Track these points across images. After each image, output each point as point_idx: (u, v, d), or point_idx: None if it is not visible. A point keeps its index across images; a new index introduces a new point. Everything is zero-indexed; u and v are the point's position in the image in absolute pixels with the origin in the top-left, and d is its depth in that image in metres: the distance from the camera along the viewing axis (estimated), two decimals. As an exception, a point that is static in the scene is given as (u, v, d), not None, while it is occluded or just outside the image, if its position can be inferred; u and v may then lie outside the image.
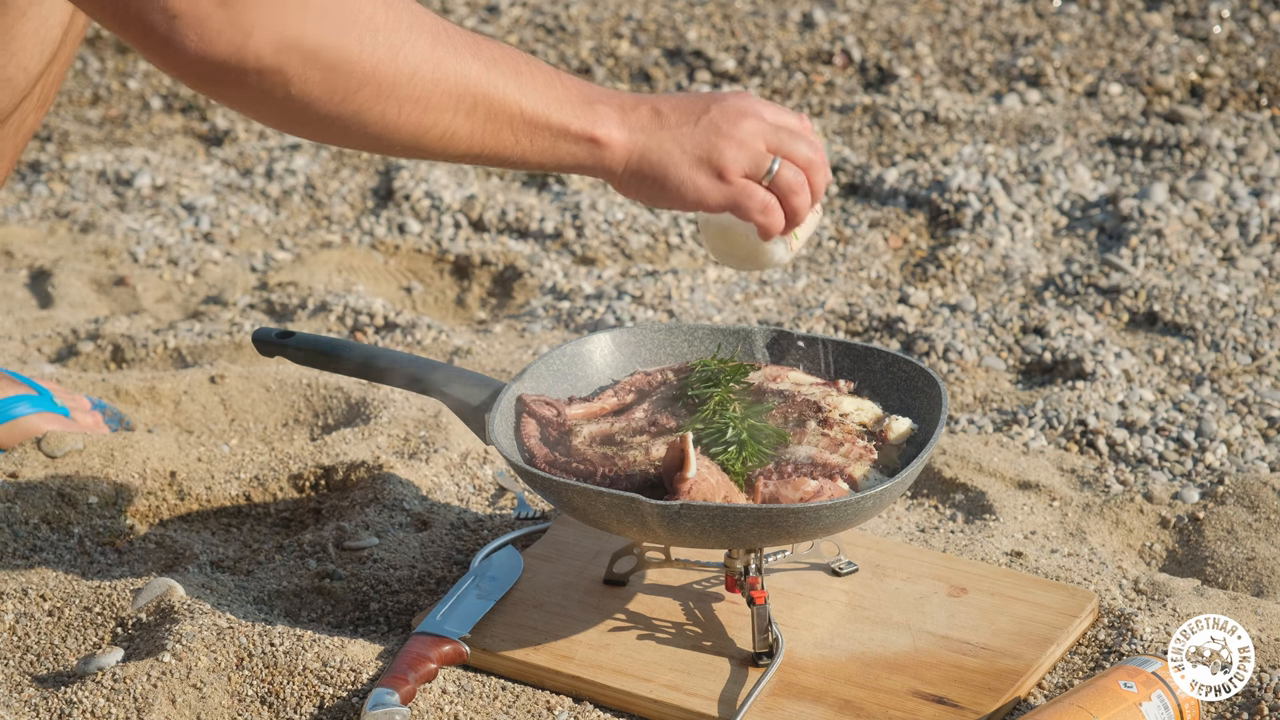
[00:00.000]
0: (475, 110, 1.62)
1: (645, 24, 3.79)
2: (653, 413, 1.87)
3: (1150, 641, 1.85)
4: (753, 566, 1.80)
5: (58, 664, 1.84)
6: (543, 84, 1.67)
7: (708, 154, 1.73)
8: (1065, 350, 2.54)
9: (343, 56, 1.54)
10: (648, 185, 1.74)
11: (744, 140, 1.74)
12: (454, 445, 2.25)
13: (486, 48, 1.65)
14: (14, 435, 2.22)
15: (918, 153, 3.22)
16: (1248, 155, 3.11)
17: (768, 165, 1.75)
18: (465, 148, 1.65)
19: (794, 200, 1.77)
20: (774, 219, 1.77)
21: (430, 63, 1.59)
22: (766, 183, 1.76)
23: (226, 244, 3.03)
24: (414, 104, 1.59)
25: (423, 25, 1.59)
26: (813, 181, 1.79)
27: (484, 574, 1.93)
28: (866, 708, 1.74)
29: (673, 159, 1.72)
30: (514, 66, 1.66)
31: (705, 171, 1.73)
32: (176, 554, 2.06)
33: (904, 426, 1.85)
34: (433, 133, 1.62)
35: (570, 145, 1.69)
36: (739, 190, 1.75)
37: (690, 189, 1.74)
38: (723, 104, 1.75)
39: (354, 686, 1.77)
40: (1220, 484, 2.20)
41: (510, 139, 1.66)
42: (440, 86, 1.60)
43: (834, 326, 2.67)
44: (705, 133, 1.73)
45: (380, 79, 1.56)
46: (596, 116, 1.70)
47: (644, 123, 1.72)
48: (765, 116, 1.77)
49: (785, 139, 1.77)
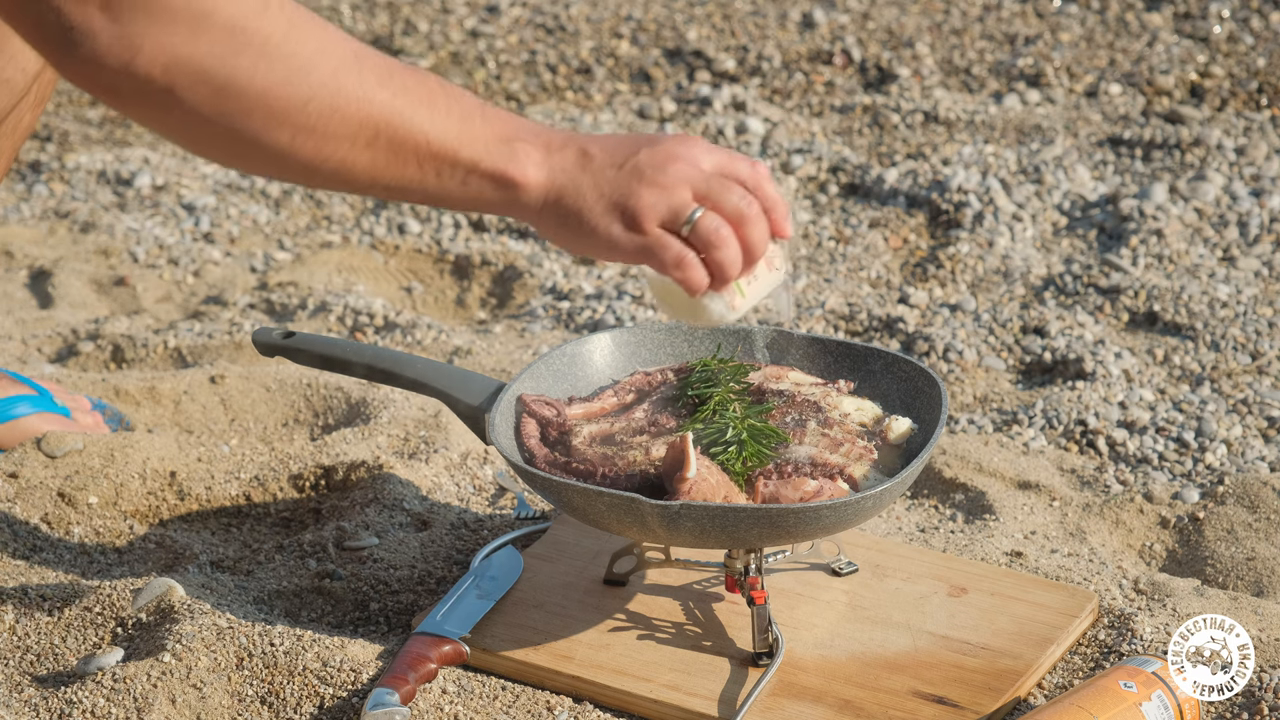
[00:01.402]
0: (376, 141, 1.55)
1: (645, 24, 3.79)
2: (653, 413, 1.87)
3: (1150, 641, 1.85)
4: (753, 566, 1.80)
5: (58, 664, 1.84)
6: (458, 117, 1.58)
7: (624, 199, 1.61)
8: (1065, 350, 2.54)
9: (232, 80, 1.48)
10: (564, 229, 1.63)
11: (668, 186, 1.62)
12: (454, 445, 2.25)
13: (400, 76, 1.56)
14: (14, 435, 2.22)
15: (918, 153, 3.22)
16: (1248, 155, 3.11)
17: (687, 214, 1.62)
18: (366, 180, 1.57)
19: (716, 254, 1.64)
20: (691, 275, 1.64)
21: (329, 90, 1.51)
22: (685, 233, 1.63)
23: (226, 244, 3.03)
24: (309, 132, 1.52)
25: (327, 49, 1.52)
26: (744, 235, 1.65)
27: (484, 574, 1.93)
28: (866, 708, 1.74)
29: (588, 202, 1.61)
30: (427, 96, 1.57)
31: (619, 218, 1.62)
32: (176, 554, 2.06)
33: (904, 426, 1.85)
34: (330, 162, 1.54)
35: (480, 183, 1.60)
36: (652, 241, 1.62)
37: (603, 235, 1.62)
38: (654, 147, 1.64)
39: (354, 686, 1.77)
40: (1220, 484, 2.20)
41: (415, 173, 1.58)
42: (338, 115, 1.52)
43: (834, 326, 2.66)
44: (627, 177, 1.62)
45: (272, 104, 1.49)
46: (513, 154, 1.60)
47: (567, 164, 1.62)
48: (701, 162, 1.64)
49: (716, 187, 1.64)
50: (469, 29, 3.82)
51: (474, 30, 3.81)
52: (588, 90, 3.58)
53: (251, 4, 1.48)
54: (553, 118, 3.43)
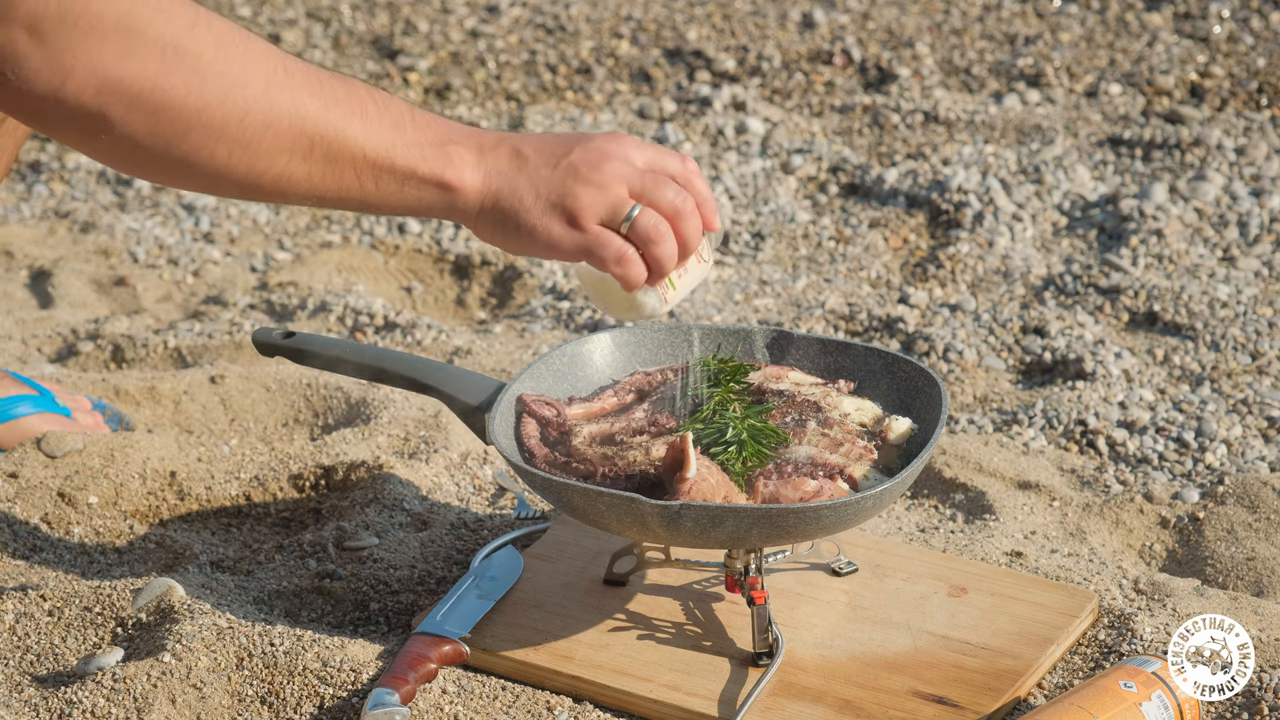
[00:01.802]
0: (312, 153, 1.55)
1: (645, 24, 3.79)
2: (653, 413, 1.87)
3: (1150, 641, 1.85)
4: (753, 566, 1.80)
5: (58, 664, 1.84)
6: (390, 124, 1.59)
7: (562, 198, 1.64)
8: (1065, 350, 2.54)
9: (167, 100, 1.46)
10: (502, 230, 1.65)
11: (604, 184, 1.64)
12: (454, 445, 2.25)
13: (330, 86, 1.56)
14: (14, 435, 2.22)
15: (918, 153, 3.22)
16: (1248, 155, 3.11)
17: (625, 212, 1.65)
18: (304, 191, 1.57)
19: (655, 250, 1.67)
20: (631, 270, 1.67)
21: (262, 105, 1.51)
22: (624, 230, 1.66)
23: (226, 244, 3.03)
24: (245, 147, 1.51)
25: (257, 63, 1.51)
26: (679, 230, 1.68)
27: (484, 574, 1.93)
28: (866, 708, 1.74)
29: (525, 203, 1.63)
30: (359, 106, 1.57)
31: (558, 217, 1.64)
32: (176, 554, 2.06)
33: (904, 426, 1.85)
34: (267, 176, 1.54)
35: (418, 189, 1.61)
36: (592, 238, 1.65)
37: (543, 235, 1.64)
38: (587, 146, 1.66)
39: (354, 686, 1.77)
40: (1220, 484, 2.20)
41: (354, 182, 1.58)
42: (273, 129, 1.52)
43: (834, 326, 2.67)
44: (562, 176, 1.64)
45: (208, 123, 1.49)
46: (448, 159, 1.61)
47: (501, 165, 1.63)
48: (633, 160, 1.67)
49: (651, 184, 1.67)
50: (469, 29, 3.82)
51: (474, 30, 3.81)
52: (588, 90, 3.58)
53: (180, 22, 1.47)
54: (553, 118, 3.43)
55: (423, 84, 3.62)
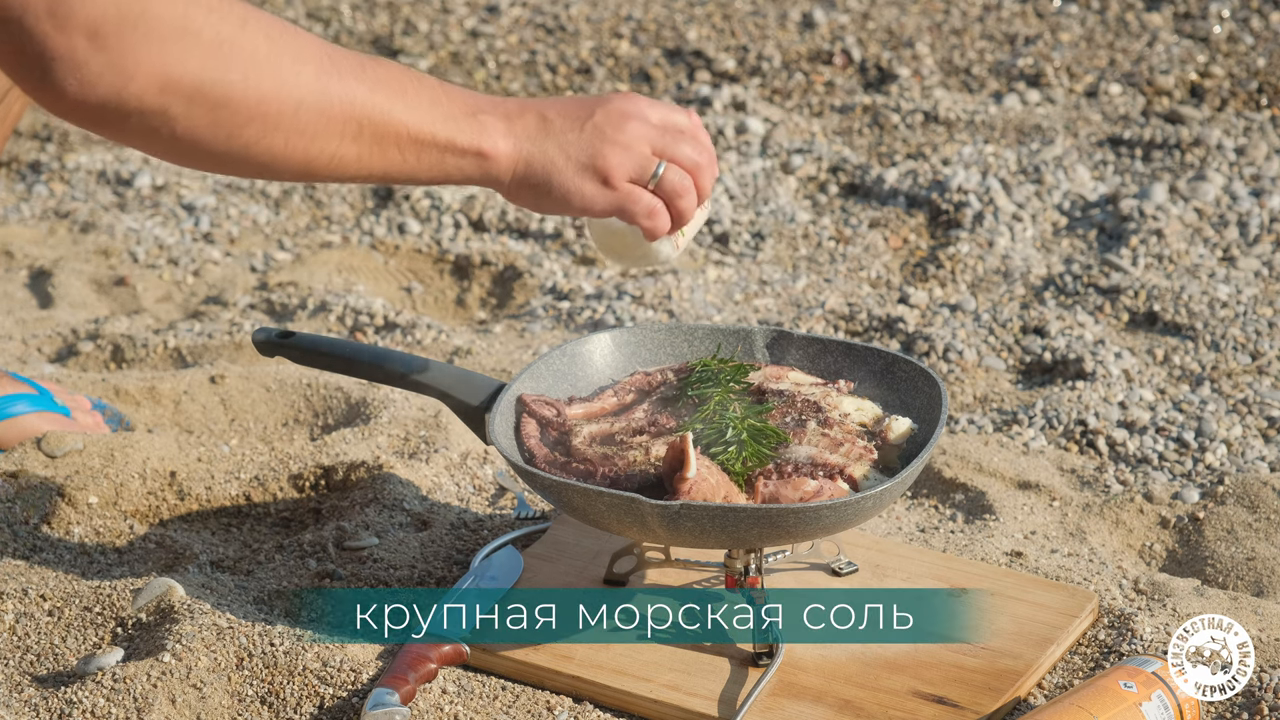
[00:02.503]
0: (361, 134, 1.62)
1: (645, 24, 3.79)
2: (653, 413, 1.87)
3: (1150, 641, 1.85)
4: (753, 566, 1.80)
5: (58, 664, 1.84)
6: (428, 101, 1.66)
7: (592, 160, 1.72)
8: (1065, 350, 2.54)
9: (227, 95, 1.52)
10: (535, 193, 1.73)
11: (629, 144, 1.73)
12: (454, 445, 2.25)
13: (372, 69, 1.63)
14: (13, 434, 2.22)
15: (918, 153, 3.22)
16: (1248, 155, 3.11)
17: (653, 169, 1.74)
18: (354, 170, 1.64)
19: (679, 203, 1.76)
20: (660, 222, 1.76)
21: (316, 93, 1.57)
22: (652, 186, 1.75)
23: (226, 244, 3.03)
24: (300, 134, 1.58)
25: (307, 54, 1.57)
26: (699, 182, 1.78)
27: (484, 574, 1.93)
28: (866, 708, 1.74)
29: (557, 166, 1.71)
30: (399, 86, 1.64)
31: (590, 178, 1.72)
32: (176, 554, 2.06)
33: (904, 426, 1.85)
34: (320, 159, 1.61)
35: (457, 159, 1.68)
36: (624, 195, 1.74)
37: (576, 196, 1.73)
38: (607, 107, 1.74)
39: (354, 686, 1.77)
40: (1220, 484, 2.20)
41: (398, 158, 1.65)
42: (326, 115, 1.59)
43: (834, 326, 2.66)
44: (590, 138, 1.72)
45: (266, 114, 1.55)
46: (482, 129, 1.69)
47: (530, 131, 1.71)
48: (650, 118, 1.76)
49: (670, 141, 1.76)
50: (469, 29, 3.82)
51: (474, 30, 3.81)
52: (588, 90, 3.58)
53: (233, 20, 1.52)
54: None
55: (423, 84, 3.62)
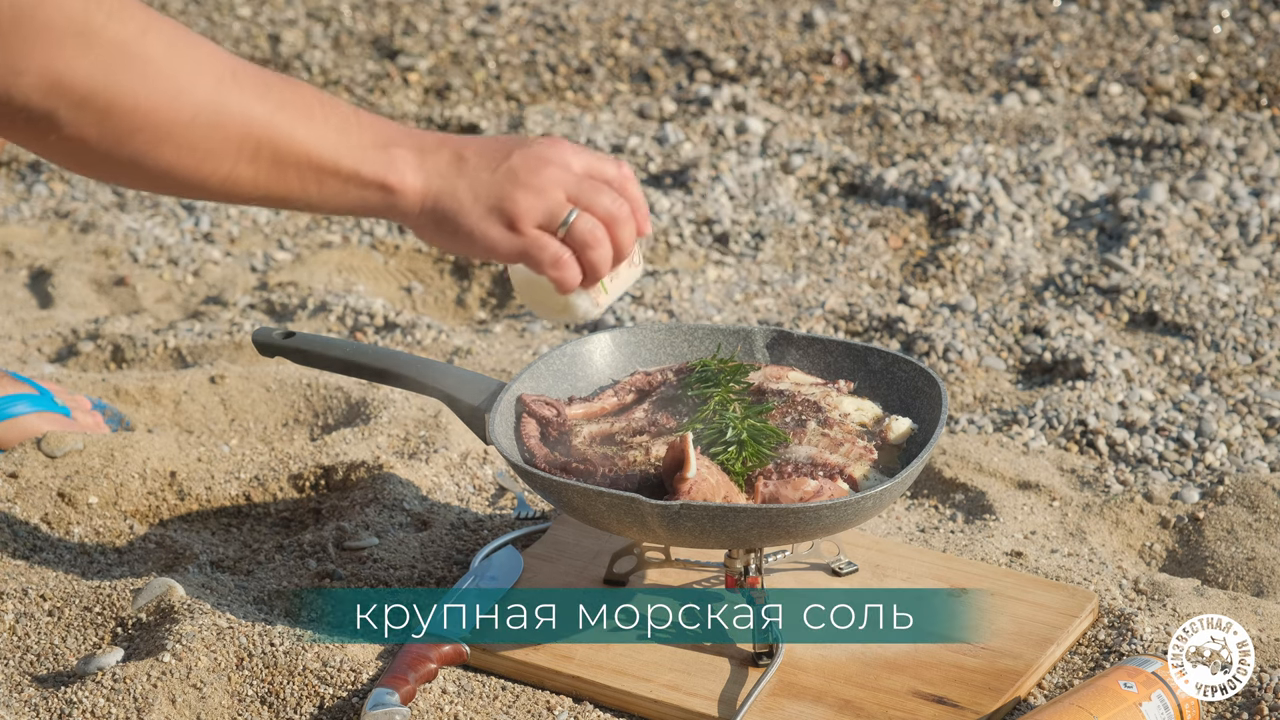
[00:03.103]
0: (259, 156, 1.56)
1: (645, 24, 3.79)
2: (653, 413, 1.87)
3: (1150, 641, 1.85)
4: (753, 566, 1.80)
5: (58, 664, 1.84)
6: (336, 127, 1.61)
7: (500, 202, 1.66)
8: (1065, 350, 2.54)
9: (117, 101, 1.47)
10: (441, 232, 1.67)
11: (541, 189, 1.67)
12: (454, 445, 2.25)
13: (278, 89, 1.58)
14: (13, 434, 2.22)
15: (918, 153, 3.22)
16: (1248, 155, 3.11)
17: (563, 216, 1.68)
18: (250, 192, 1.59)
19: (590, 255, 1.70)
20: (566, 274, 1.70)
21: (211, 107, 1.52)
22: (562, 234, 1.69)
23: (226, 244, 3.03)
24: (192, 150, 1.53)
25: (207, 66, 1.53)
26: (615, 235, 1.71)
27: (484, 574, 1.93)
28: (866, 708, 1.74)
29: (464, 206, 1.66)
30: (306, 109, 1.59)
31: (497, 220, 1.67)
32: (176, 554, 2.06)
33: (904, 426, 1.85)
34: (213, 177, 1.56)
35: (361, 191, 1.63)
36: (530, 242, 1.68)
37: (481, 238, 1.67)
38: (526, 150, 1.68)
39: (354, 686, 1.77)
40: (1220, 484, 2.20)
41: (298, 184, 1.60)
42: (221, 132, 1.53)
43: (834, 326, 2.67)
44: (502, 180, 1.67)
45: (156, 124, 1.50)
46: (390, 161, 1.63)
47: (442, 167, 1.66)
48: (572, 165, 1.69)
49: (588, 190, 1.69)
50: (469, 29, 3.82)
51: (474, 30, 3.81)
52: (588, 90, 3.58)
53: (132, 25, 1.48)
54: (553, 118, 3.43)
55: (423, 84, 3.62)
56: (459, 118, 3.44)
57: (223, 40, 3.80)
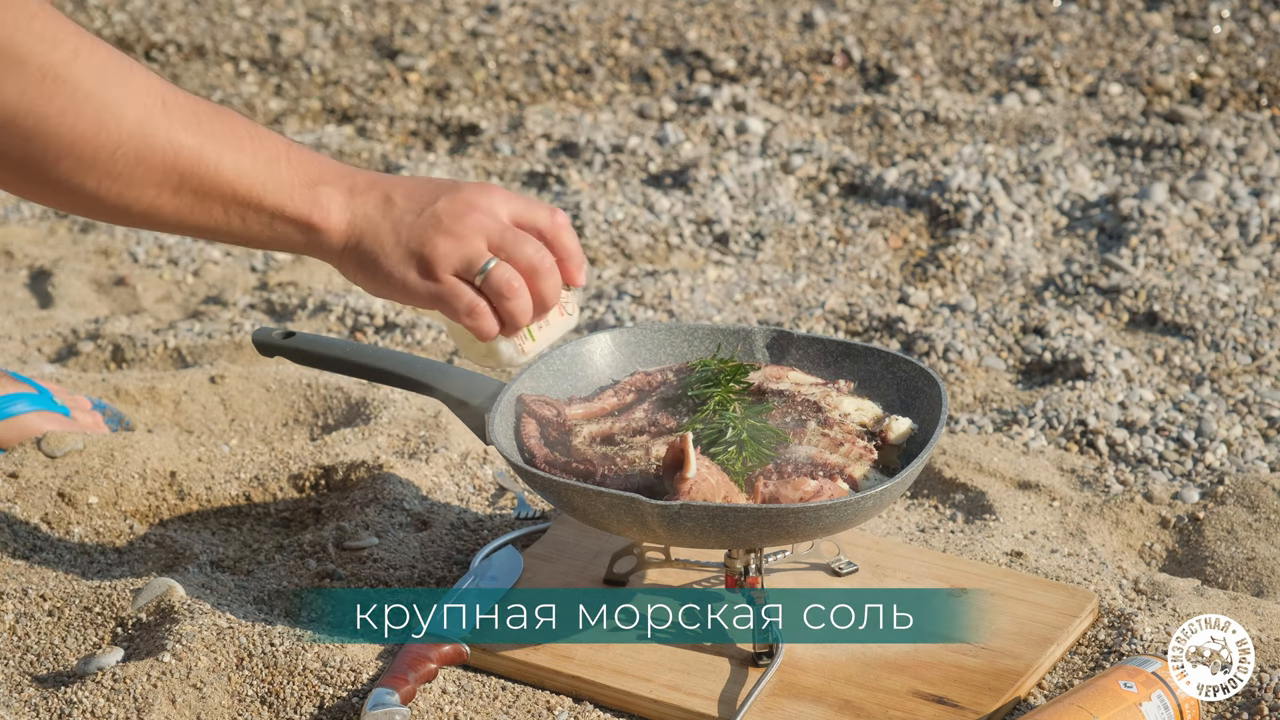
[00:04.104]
0: (182, 187, 1.56)
1: (645, 24, 3.79)
2: (653, 413, 1.87)
3: (1150, 641, 1.85)
4: (753, 566, 1.80)
5: (58, 664, 1.84)
6: (265, 161, 1.61)
7: (420, 246, 1.66)
8: (1065, 350, 2.54)
9: (41, 127, 1.47)
10: (362, 273, 1.68)
11: (462, 235, 1.67)
12: (454, 445, 2.25)
13: (208, 121, 1.58)
14: (13, 434, 2.22)
15: (918, 153, 3.22)
16: (1248, 155, 3.11)
17: (480, 265, 1.68)
18: (174, 222, 1.59)
19: (507, 305, 1.70)
20: (482, 323, 1.70)
21: (137, 137, 1.52)
22: (478, 282, 1.68)
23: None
24: (114, 178, 1.53)
25: (136, 94, 1.52)
26: (535, 287, 1.71)
27: (484, 574, 1.93)
28: (866, 708, 1.74)
29: (385, 249, 1.66)
30: (234, 142, 1.59)
31: (414, 265, 1.66)
32: (176, 554, 2.06)
33: (904, 426, 1.85)
34: (136, 206, 1.56)
35: (285, 227, 1.63)
36: (446, 289, 1.68)
37: (398, 281, 1.67)
38: (454, 195, 1.68)
39: (354, 686, 1.77)
40: (1220, 484, 2.20)
41: (221, 218, 1.60)
42: (145, 163, 1.53)
43: (834, 326, 2.67)
44: (424, 224, 1.66)
45: (80, 153, 1.50)
46: (315, 200, 1.63)
47: (369, 208, 1.66)
48: (497, 213, 1.69)
49: (511, 239, 1.69)
50: (469, 29, 3.82)
51: (474, 30, 3.81)
52: (588, 90, 3.58)
53: (63, 50, 1.47)
54: (553, 118, 3.43)
55: (423, 84, 3.62)
56: (459, 118, 3.44)
57: (222, 40, 3.80)
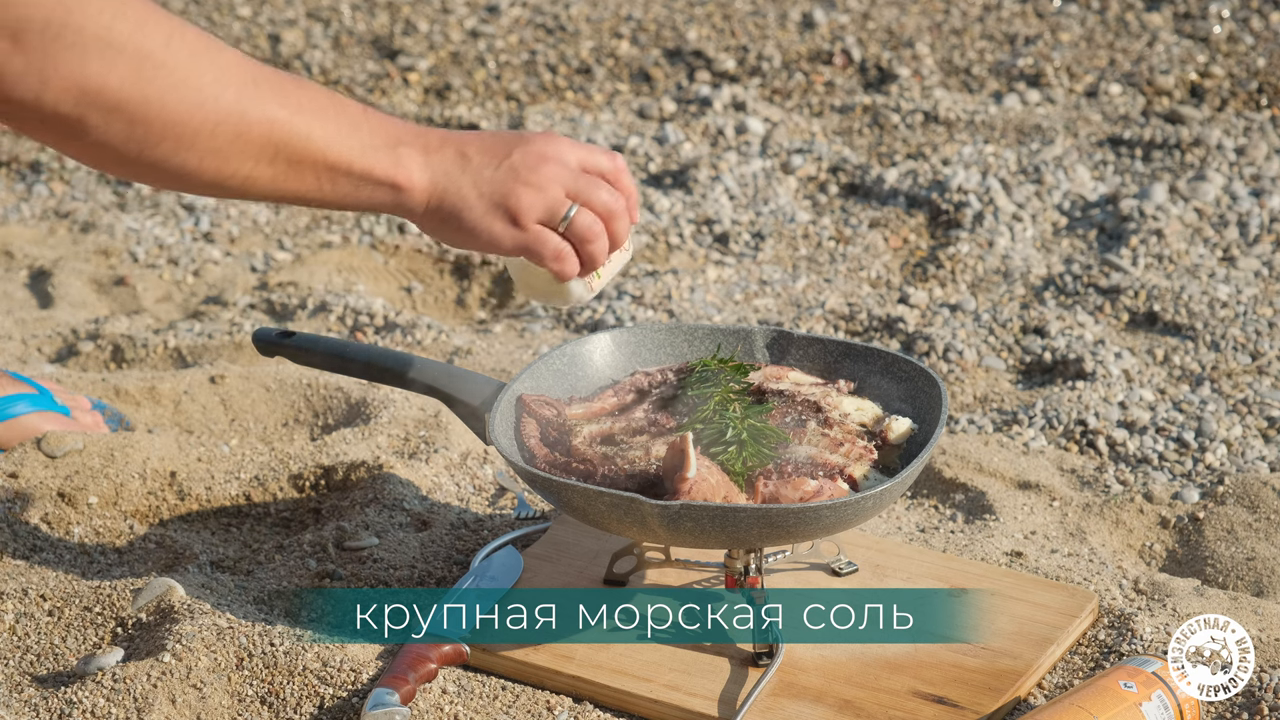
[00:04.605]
0: (277, 158, 1.61)
1: (645, 24, 3.79)
2: (653, 413, 1.87)
3: (1150, 641, 1.85)
4: (753, 566, 1.80)
5: (58, 664, 1.84)
6: (349, 127, 1.66)
7: (504, 199, 1.72)
8: (1065, 350, 2.54)
9: (144, 110, 1.52)
10: (445, 227, 1.73)
11: (542, 185, 1.73)
12: (454, 445, 2.25)
13: (294, 92, 1.63)
14: (13, 434, 2.22)
15: (918, 153, 3.22)
16: (1248, 155, 3.11)
17: (563, 212, 1.74)
18: (268, 191, 1.64)
19: (589, 248, 1.76)
20: (567, 266, 1.76)
21: (234, 115, 1.57)
22: (562, 229, 1.75)
23: (226, 244, 3.03)
24: (215, 154, 1.58)
25: (230, 74, 1.58)
26: (611, 229, 1.77)
27: (484, 574, 1.93)
28: (866, 708, 1.74)
29: (468, 203, 1.71)
30: (320, 110, 1.64)
31: (500, 216, 1.72)
32: (176, 554, 2.06)
33: (904, 426, 1.85)
34: (234, 179, 1.61)
35: (372, 189, 1.68)
36: (532, 237, 1.74)
37: (485, 233, 1.73)
38: (526, 147, 1.74)
39: (354, 686, 1.77)
40: (1220, 484, 2.20)
41: (313, 184, 1.65)
42: (243, 138, 1.59)
43: (834, 326, 2.67)
44: (504, 177, 1.72)
45: (181, 133, 1.55)
46: (399, 160, 1.69)
47: (447, 165, 1.71)
48: (568, 161, 1.75)
49: (585, 185, 1.75)
50: (469, 29, 3.82)
51: (474, 30, 3.81)
52: (588, 90, 3.58)
53: (158, 36, 1.52)
54: (553, 118, 3.43)
55: (423, 84, 3.62)
56: (459, 118, 3.44)
57: (222, 40, 3.80)
